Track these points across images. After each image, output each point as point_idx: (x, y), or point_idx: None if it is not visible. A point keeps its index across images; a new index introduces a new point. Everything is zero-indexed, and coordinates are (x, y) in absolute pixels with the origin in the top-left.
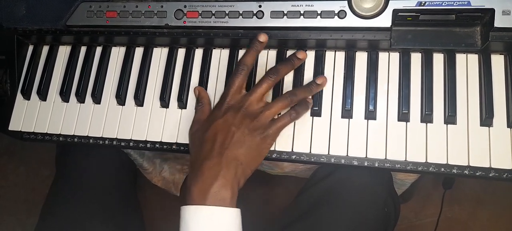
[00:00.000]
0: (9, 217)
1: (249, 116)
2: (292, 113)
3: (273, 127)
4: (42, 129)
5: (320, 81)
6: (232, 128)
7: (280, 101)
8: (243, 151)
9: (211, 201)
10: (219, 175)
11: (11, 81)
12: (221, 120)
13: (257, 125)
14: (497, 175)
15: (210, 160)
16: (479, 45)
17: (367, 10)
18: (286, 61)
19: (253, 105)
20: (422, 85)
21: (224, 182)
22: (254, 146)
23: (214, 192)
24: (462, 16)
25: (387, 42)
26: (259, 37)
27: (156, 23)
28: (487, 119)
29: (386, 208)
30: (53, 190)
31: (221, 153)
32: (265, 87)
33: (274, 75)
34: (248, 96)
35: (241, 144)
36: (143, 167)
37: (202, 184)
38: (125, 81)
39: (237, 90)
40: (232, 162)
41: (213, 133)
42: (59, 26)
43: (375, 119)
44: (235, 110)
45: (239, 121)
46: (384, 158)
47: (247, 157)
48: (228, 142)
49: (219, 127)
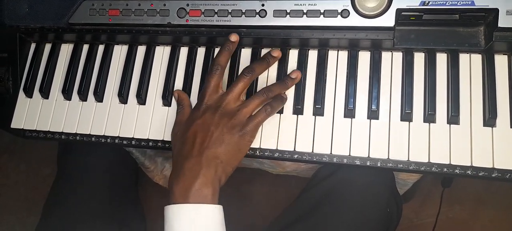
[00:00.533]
0: (9, 216)
1: (226, 115)
2: (267, 109)
3: (251, 124)
4: (44, 127)
5: (294, 75)
6: (211, 127)
7: (256, 98)
8: (222, 149)
9: (193, 199)
10: (200, 173)
11: (13, 79)
12: (200, 120)
13: (235, 123)
14: (500, 176)
15: (191, 159)
16: (483, 45)
17: (371, 9)
18: (261, 60)
19: (230, 104)
20: (425, 85)
21: (204, 180)
22: (233, 143)
23: (196, 190)
24: (466, 16)
25: (390, 42)
26: (230, 37)
27: (158, 21)
28: (490, 119)
29: (388, 208)
30: (55, 188)
31: (201, 152)
32: (241, 86)
33: (249, 73)
34: (225, 95)
35: (220, 142)
36: (144, 165)
37: (184, 183)
38: (127, 79)
39: (213, 90)
40: (212, 161)
41: (192, 133)
42: (62, 24)
43: (377, 119)
44: (213, 110)
45: (218, 120)
46: (387, 158)
47: (226, 154)
48: (207, 141)
49: (198, 127)
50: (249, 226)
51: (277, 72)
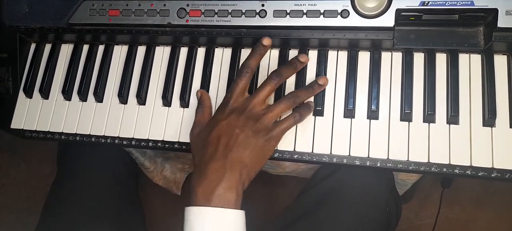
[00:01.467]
0: (9, 215)
1: (252, 118)
2: (296, 116)
3: (277, 129)
4: (44, 127)
5: (322, 81)
6: (236, 130)
7: (282, 103)
8: (247, 153)
9: (216, 202)
10: (224, 177)
11: (13, 80)
12: (225, 122)
13: (260, 127)
14: (499, 176)
15: (215, 162)
16: (482, 45)
17: (370, 9)
18: (289, 64)
19: (256, 108)
20: (424, 85)
21: (229, 184)
22: (258, 148)
23: (219, 194)
24: (465, 16)
25: (390, 42)
26: (263, 40)
27: (158, 21)
28: (490, 119)
29: (388, 208)
30: (55, 188)
31: (225, 155)
32: (268, 89)
33: (276, 78)
34: (251, 99)
35: (245, 146)
36: (144, 166)
37: (207, 186)
38: (127, 80)
39: (240, 92)
40: (236, 164)
41: (217, 135)
42: (62, 24)
43: (377, 119)
44: (238, 112)
45: (243, 123)
46: (386, 158)
47: (251, 159)
48: (232, 144)
49: (223, 129)
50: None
51: None
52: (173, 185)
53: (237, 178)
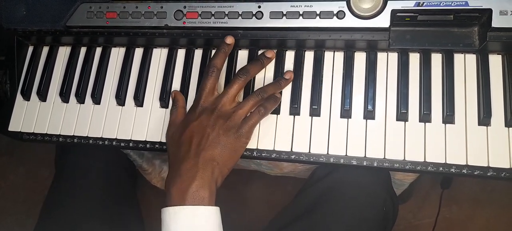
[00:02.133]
0: (8, 217)
1: (222, 117)
2: (261, 110)
3: (245, 126)
4: (41, 130)
5: (288, 76)
6: (207, 129)
7: (250, 100)
8: (218, 151)
9: (190, 201)
10: (197, 175)
11: (11, 82)
12: (196, 122)
13: (231, 125)
14: (495, 174)
15: (187, 161)
16: (477, 45)
17: (366, 10)
18: (256, 61)
19: (225, 106)
20: (420, 85)
21: (201, 182)
22: (229, 145)
23: (193, 192)
24: (460, 16)
25: (386, 43)
26: (226, 39)
27: (155, 23)
28: (485, 118)
29: (385, 207)
30: (53, 190)
31: (197, 154)
32: (236, 87)
33: (244, 75)
34: (220, 97)
35: (216, 144)
36: (142, 167)
37: (180, 185)
38: (125, 81)
39: (209, 92)
40: (208, 163)
41: (189, 135)
42: (59, 27)
43: (373, 119)
44: (208, 112)
45: (213, 122)
46: (383, 158)
47: (223, 156)
48: (203, 143)
49: (194, 129)
50: (247, 227)
51: (274, 74)
52: None
53: (210, 176)
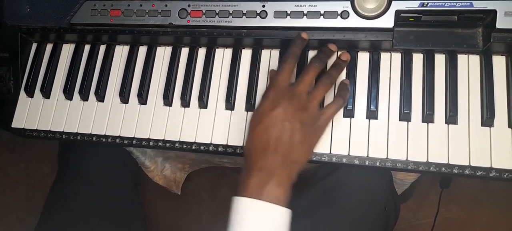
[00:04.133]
0: (9, 214)
1: (299, 108)
2: (340, 100)
3: (324, 117)
4: (45, 126)
5: (345, 57)
6: (285, 123)
7: (321, 87)
8: (296, 147)
9: (266, 197)
10: (276, 173)
11: (14, 79)
12: (272, 113)
13: (309, 117)
14: (497, 175)
15: (266, 157)
16: (481, 46)
17: (370, 10)
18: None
19: (301, 96)
20: (423, 86)
21: (280, 181)
22: (307, 140)
23: (270, 189)
24: (464, 17)
25: (389, 43)
26: (302, 34)
27: (160, 22)
28: (488, 119)
29: (387, 207)
30: (55, 187)
31: (276, 150)
32: (312, 75)
33: (318, 63)
34: (296, 86)
35: (294, 140)
36: (145, 165)
37: (259, 179)
38: (129, 79)
39: (284, 80)
40: (287, 160)
41: (264, 128)
42: (63, 24)
43: (376, 119)
44: (284, 102)
45: (291, 115)
46: (386, 158)
47: (300, 152)
48: (281, 138)
49: (271, 122)
50: None
51: None
52: (173, 184)
53: (288, 175)
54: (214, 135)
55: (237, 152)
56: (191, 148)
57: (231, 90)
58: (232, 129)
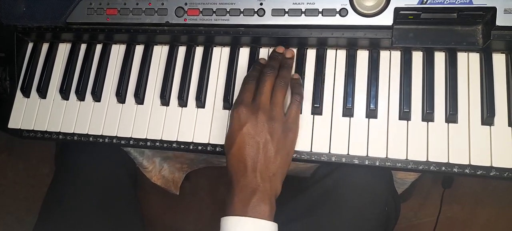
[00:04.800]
0: (8, 215)
1: (265, 120)
2: (297, 98)
3: (290, 119)
4: (41, 127)
5: (289, 54)
6: (256, 138)
7: (278, 91)
8: (272, 160)
9: (251, 213)
10: (257, 190)
11: (10, 79)
12: (241, 133)
13: (275, 125)
14: (498, 174)
15: (245, 177)
16: (481, 44)
17: (369, 8)
18: (272, 57)
19: (264, 106)
20: (423, 84)
21: (262, 197)
22: (281, 148)
23: (254, 206)
24: (464, 14)
25: (389, 41)
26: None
27: (156, 20)
28: (489, 117)
29: (387, 207)
30: (52, 188)
31: (253, 168)
32: (269, 84)
33: (270, 70)
34: (257, 99)
35: (269, 152)
36: (142, 165)
37: (243, 198)
38: (125, 79)
39: (248, 97)
40: (266, 176)
41: (237, 148)
42: (59, 23)
43: (376, 118)
44: (251, 118)
45: (260, 128)
46: (385, 157)
47: (277, 164)
48: (255, 157)
49: (243, 141)
50: None
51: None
52: (171, 184)
53: (269, 190)
54: (212, 135)
55: None
56: (189, 148)
57: (229, 90)
58: None
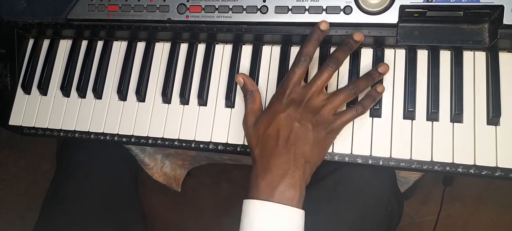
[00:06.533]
0: (9, 210)
1: (311, 111)
2: (359, 108)
3: (338, 122)
4: (42, 124)
5: (382, 69)
6: (295, 123)
7: (342, 94)
8: (309, 147)
9: (278, 198)
10: (288, 173)
11: (11, 76)
12: (284, 114)
13: (320, 120)
14: (503, 175)
15: (278, 156)
16: (487, 43)
17: (374, 5)
18: (344, 46)
19: (314, 98)
20: (428, 83)
21: (292, 181)
22: (319, 141)
23: (282, 190)
24: (470, 12)
25: (393, 39)
26: (320, 24)
27: (158, 17)
28: (494, 117)
29: (390, 206)
30: (54, 185)
31: (288, 150)
32: (325, 77)
33: (334, 64)
34: (308, 88)
35: (306, 140)
36: (144, 162)
37: (271, 181)
38: (127, 76)
39: (297, 81)
40: (300, 160)
41: (276, 127)
42: (60, 19)
43: (380, 117)
44: (296, 104)
45: (302, 116)
46: (389, 157)
47: (313, 153)
48: (293, 138)
49: (282, 122)
50: None
51: (279, 71)
52: (173, 181)
53: (301, 175)
54: (213, 133)
55: (237, 150)
56: (191, 146)
57: (231, 88)
58: (232, 127)
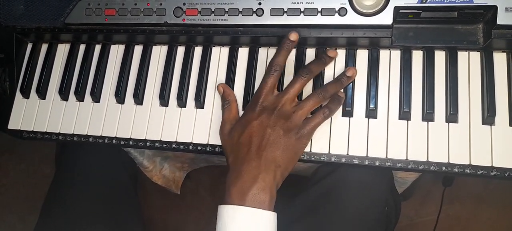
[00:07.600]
0: (10, 214)
1: (283, 117)
2: (325, 111)
3: (307, 127)
4: (41, 128)
5: (350, 73)
6: (268, 130)
7: (311, 100)
8: (280, 152)
9: (250, 202)
10: (259, 177)
11: (10, 80)
12: (256, 121)
13: (291, 126)
14: (499, 174)
15: (249, 162)
16: (481, 43)
17: (368, 7)
18: (318, 60)
19: (286, 106)
20: (423, 83)
21: (263, 185)
22: (290, 146)
23: (253, 194)
24: (464, 13)
25: (388, 40)
26: (290, 35)
27: (155, 21)
28: (489, 117)
29: (387, 207)
30: (53, 188)
31: (259, 155)
32: (298, 87)
33: (306, 74)
34: (281, 96)
35: (278, 145)
36: (143, 165)
37: (242, 186)
38: (124, 79)
39: (270, 90)
40: (270, 165)
41: (248, 135)
42: (58, 24)
43: (376, 118)
44: (269, 111)
45: (274, 122)
46: (385, 157)
47: (284, 158)
48: (264, 144)
49: (255, 129)
50: None
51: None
52: (172, 184)
53: (272, 179)
54: (211, 135)
55: None
56: (188, 148)
57: None
58: None
